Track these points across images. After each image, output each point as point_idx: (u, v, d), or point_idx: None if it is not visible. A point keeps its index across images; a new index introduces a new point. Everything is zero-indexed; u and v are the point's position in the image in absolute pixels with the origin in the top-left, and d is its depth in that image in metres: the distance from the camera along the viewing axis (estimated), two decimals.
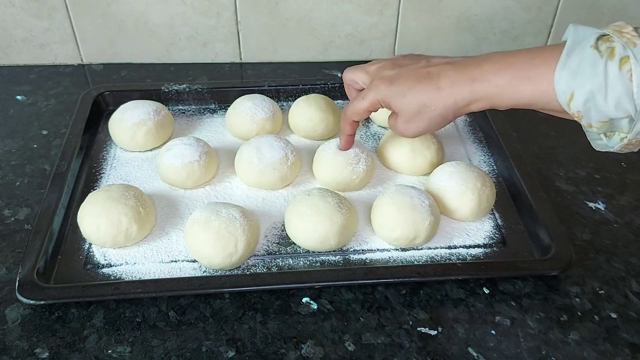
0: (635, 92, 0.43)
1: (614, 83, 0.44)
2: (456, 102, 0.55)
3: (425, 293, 0.60)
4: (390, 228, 0.62)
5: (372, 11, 0.92)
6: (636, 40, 0.43)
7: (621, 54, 0.43)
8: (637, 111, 0.44)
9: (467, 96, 0.54)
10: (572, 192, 0.73)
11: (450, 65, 0.56)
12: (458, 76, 0.54)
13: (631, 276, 0.62)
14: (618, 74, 0.43)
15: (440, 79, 0.55)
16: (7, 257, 0.62)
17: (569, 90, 0.46)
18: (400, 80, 0.58)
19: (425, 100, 0.56)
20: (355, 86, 0.67)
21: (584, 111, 0.46)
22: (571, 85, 0.46)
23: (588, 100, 0.45)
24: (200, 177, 0.69)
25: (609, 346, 0.55)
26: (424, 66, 0.58)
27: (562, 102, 0.48)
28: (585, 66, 0.45)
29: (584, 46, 0.46)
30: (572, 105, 0.47)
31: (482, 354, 0.54)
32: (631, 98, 0.43)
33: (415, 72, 0.57)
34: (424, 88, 0.56)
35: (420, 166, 0.72)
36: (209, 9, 0.90)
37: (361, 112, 0.63)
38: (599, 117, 0.46)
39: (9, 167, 0.74)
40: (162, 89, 0.83)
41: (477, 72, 0.53)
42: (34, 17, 0.89)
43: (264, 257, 0.62)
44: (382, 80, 0.59)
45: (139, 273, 0.60)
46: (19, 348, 0.54)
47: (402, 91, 0.57)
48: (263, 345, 0.55)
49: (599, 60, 0.44)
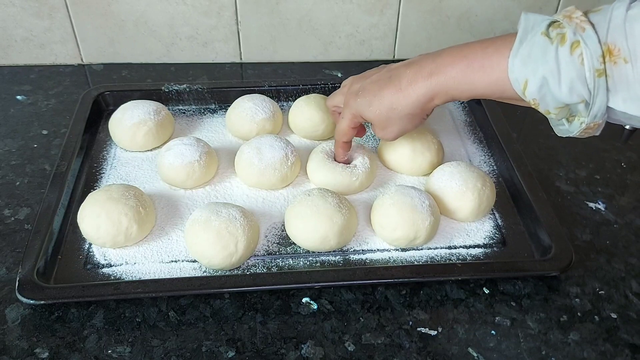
0: (587, 76, 0.43)
1: (566, 68, 0.44)
2: (418, 98, 0.56)
3: (425, 293, 0.60)
4: (391, 228, 0.62)
5: (372, 11, 0.92)
6: (585, 25, 0.43)
7: (571, 39, 0.43)
8: (591, 94, 0.44)
9: (427, 91, 0.55)
10: (572, 192, 0.73)
11: (408, 66, 0.58)
12: (416, 74, 0.56)
13: (631, 277, 0.62)
14: (569, 58, 0.44)
15: (400, 80, 0.57)
16: (7, 257, 0.62)
17: (522, 78, 0.47)
18: (365, 91, 0.61)
19: (390, 104, 0.58)
20: (338, 111, 0.68)
21: (539, 98, 0.47)
22: (524, 72, 0.47)
23: (542, 87, 0.46)
24: (200, 177, 0.69)
25: (609, 347, 0.55)
26: (385, 73, 0.60)
27: (517, 89, 0.48)
28: (537, 53, 0.45)
29: (535, 33, 0.46)
30: (527, 93, 0.47)
31: (482, 354, 0.54)
32: (584, 82, 0.44)
33: (377, 81, 0.60)
34: (386, 92, 0.58)
35: (420, 166, 0.72)
36: (210, 9, 0.90)
37: (346, 131, 0.66)
38: (555, 104, 0.47)
39: (9, 166, 0.74)
40: (163, 89, 0.83)
41: (433, 66, 0.55)
42: (34, 17, 0.89)
43: (264, 257, 0.62)
44: (350, 96, 0.63)
45: (139, 273, 0.60)
46: (18, 348, 0.54)
47: (368, 101, 0.60)
48: (263, 346, 0.55)
49: (549, 47, 0.45)
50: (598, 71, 0.43)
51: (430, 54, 0.57)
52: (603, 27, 0.43)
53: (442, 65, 0.54)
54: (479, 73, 0.51)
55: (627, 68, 0.42)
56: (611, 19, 0.43)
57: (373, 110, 0.60)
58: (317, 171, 0.70)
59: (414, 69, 0.56)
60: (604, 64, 0.42)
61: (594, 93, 0.44)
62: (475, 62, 0.51)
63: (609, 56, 0.42)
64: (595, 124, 0.46)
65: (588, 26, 0.43)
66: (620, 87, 0.43)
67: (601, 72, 0.43)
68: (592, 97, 0.44)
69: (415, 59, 0.58)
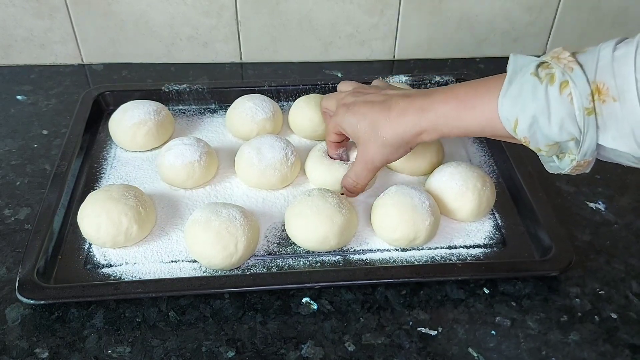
0: (577, 114, 0.44)
1: (556, 106, 0.45)
2: (405, 131, 0.57)
3: (426, 293, 0.60)
4: (391, 228, 0.62)
5: (372, 11, 0.92)
6: (573, 65, 0.44)
7: (560, 78, 0.44)
8: (581, 132, 0.44)
9: (415, 125, 0.56)
10: (572, 192, 0.73)
11: (403, 97, 0.58)
12: (407, 106, 0.57)
13: (631, 277, 0.62)
14: (559, 97, 0.44)
15: (391, 109, 0.58)
16: (7, 257, 0.62)
17: (513, 117, 0.48)
18: (356, 109, 0.61)
19: (376, 130, 0.59)
20: (330, 113, 0.69)
21: (530, 136, 0.48)
22: (514, 111, 0.48)
23: (532, 125, 0.47)
24: (200, 177, 0.69)
25: (609, 347, 0.55)
26: (380, 96, 0.60)
27: (509, 128, 0.49)
28: (527, 92, 0.46)
29: (524, 73, 0.47)
30: (518, 131, 0.48)
31: (482, 354, 0.54)
32: (574, 120, 0.44)
33: (371, 103, 0.60)
34: (375, 118, 0.59)
35: (420, 166, 0.72)
36: (210, 9, 0.90)
37: (330, 135, 0.67)
38: (545, 141, 0.47)
39: (9, 166, 0.74)
40: (163, 89, 0.83)
41: (425, 102, 0.56)
42: (34, 17, 0.89)
43: (264, 257, 0.62)
44: (341, 108, 0.63)
45: (139, 273, 0.60)
46: (18, 348, 0.54)
47: (356, 120, 0.60)
48: (263, 346, 0.55)
49: (539, 86, 0.46)
50: (587, 110, 0.43)
51: (424, 90, 0.59)
52: (591, 67, 0.44)
53: (434, 102, 0.55)
54: (470, 112, 0.52)
55: (616, 106, 0.42)
56: (599, 59, 0.44)
57: (359, 130, 0.60)
58: (314, 169, 0.70)
59: (406, 101, 0.57)
60: (593, 102, 0.43)
61: (584, 131, 0.44)
62: (466, 102, 0.52)
63: (597, 95, 0.43)
64: (585, 161, 0.47)
65: (576, 66, 0.44)
66: (610, 124, 0.43)
67: (590, 111, 0.43)
68: (582, 134, 0.44)
69: (411, 92, 0.59)
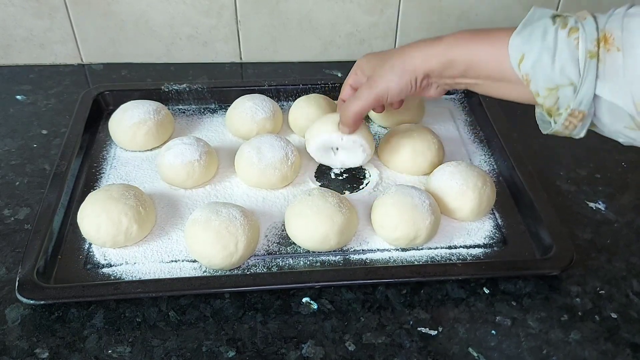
0: (580, 58, 0.45)
1: (562, 47, 0.46)
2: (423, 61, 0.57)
3: (426, 293, 0.60)
4: (391, 228, 0.62)
5: (372, 11, 0.92)
6: (586, 15, 0.47)
7: (572, 25, 0.47)
8: (580, 77, 0.45)
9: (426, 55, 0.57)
10: (573, 191, 0.72)
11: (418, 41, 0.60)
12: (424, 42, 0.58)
13: (632, 276, 0.62)
14: (566, 39, 0.46)
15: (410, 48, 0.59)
16: (7, 257, 0.62)
17: (520, 52, 0.49)
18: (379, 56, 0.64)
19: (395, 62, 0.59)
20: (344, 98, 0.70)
21: (532, 74, 0.49)
22: (522, 48, 0.49)
23: (536, 63, 0.48)
24: (200, 177, 0.69)
25: (610, 346, 0.55)
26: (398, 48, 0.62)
27: (514, 63, 0.50)
28: (538, 33, 0.48)
29: (540, 18, 0.49)
30: (521, 67, 0.49)
31: (483, 353, 0.54)
32: (576, 64, 0.46)
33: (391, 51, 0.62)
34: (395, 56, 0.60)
35: (420, 166, 0.72)
36: (210, 9, 0.90)
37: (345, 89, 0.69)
38: (545, 83, 0.48)
39: (9, 166, 0.74)
40: (162, 88, 0.83)
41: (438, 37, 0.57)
42: (34, 17, 0.89)
43: (264, 257, 0.62)
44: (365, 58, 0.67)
45: (139, 273, 0.60)
46: (18, 348, 0.54)
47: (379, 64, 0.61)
48: (263, 345, 0.54)
49: (550, 29, 0.48)
50: (590, 53, 0.45)
51: None
52: (603, 19, 0.46)
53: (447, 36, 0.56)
54: (482, 43, 0.53)
55: (619, 57, 0.44)
56: (612, 14, 0.46)
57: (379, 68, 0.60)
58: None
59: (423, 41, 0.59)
60: (598, 48, 0.45)
61: (583, 75, 0.45)
62: (480, 35, 0.54)
63: (604, 42, 0.45)
64: (580, 112, 0.47)
65: (589, 16, 0.46)
66: (610, 75, 0.45)
67: (593, 55, 0.45)
68: (581, 79, 0.45)
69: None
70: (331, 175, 0.74)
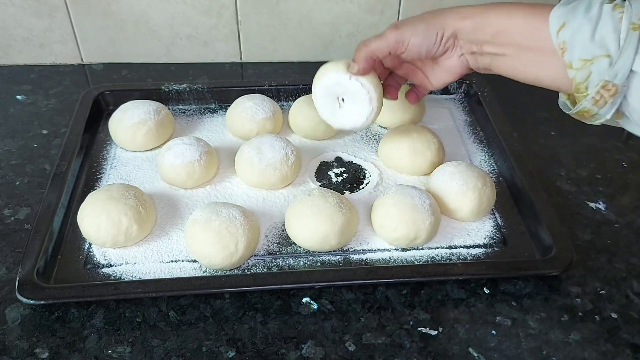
0: (622, 29, 0.45)
1: (605, 19, 0.46)
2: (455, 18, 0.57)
3: (426, 293, 0.60)
4: (391, 228, 0.62)
5: (372, 10, 0.92)
6: None
7: (618, 1, 0.46)
8: (619, 49, 0.45)
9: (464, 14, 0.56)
10: (573, 192, 0.72)
11: None
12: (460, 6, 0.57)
13: (632, 276, 0.62)
14: (610, 12, 0.46)
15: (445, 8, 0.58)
16: (7, 257, 0.62)
17: (561, 20, 0.49)
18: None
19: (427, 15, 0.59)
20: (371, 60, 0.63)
21: (570, 42, 0.48)
22: (565, 16, 0.49)
23: (576, 31, 0.48)
24: (200, 177, 0.69)
25: (610, 346, 0.55)
26: None
27: (552, 29, 0.50)
28: (582, 5, 0.48)
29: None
30: (560, 34, 0.49)
31: (483, 354, 0.54)
32: (617, 35, 0.45)
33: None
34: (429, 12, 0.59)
35: (420, 166, 0.72)
36: (210, 9, 0.90)
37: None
38: (580, 53, 0.48)
39: (9, 166, 0.74)
40: (163, 88, 0.83)
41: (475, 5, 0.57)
42: (34, 17, 0.89)
43: (264, 257, 0.62)
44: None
45: (139, 273, 0.60)
46: (18, 348, 0.54)
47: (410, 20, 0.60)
48: (263, 346, 0.54)
49: (595, 3, 0.47)
50: (634, 25, 0.45)
51: None
52: None
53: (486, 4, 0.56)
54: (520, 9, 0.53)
55: None
56: None
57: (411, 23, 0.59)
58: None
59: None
60: None
61: (623, 46, 0.45)
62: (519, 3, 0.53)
63: None
64: (614, 86, 0.46)
65: None
66: None
67: (636, 27, 0.44)
68: (620, 51, 0.45)
69: None
70: (331, 176, 0.74)
